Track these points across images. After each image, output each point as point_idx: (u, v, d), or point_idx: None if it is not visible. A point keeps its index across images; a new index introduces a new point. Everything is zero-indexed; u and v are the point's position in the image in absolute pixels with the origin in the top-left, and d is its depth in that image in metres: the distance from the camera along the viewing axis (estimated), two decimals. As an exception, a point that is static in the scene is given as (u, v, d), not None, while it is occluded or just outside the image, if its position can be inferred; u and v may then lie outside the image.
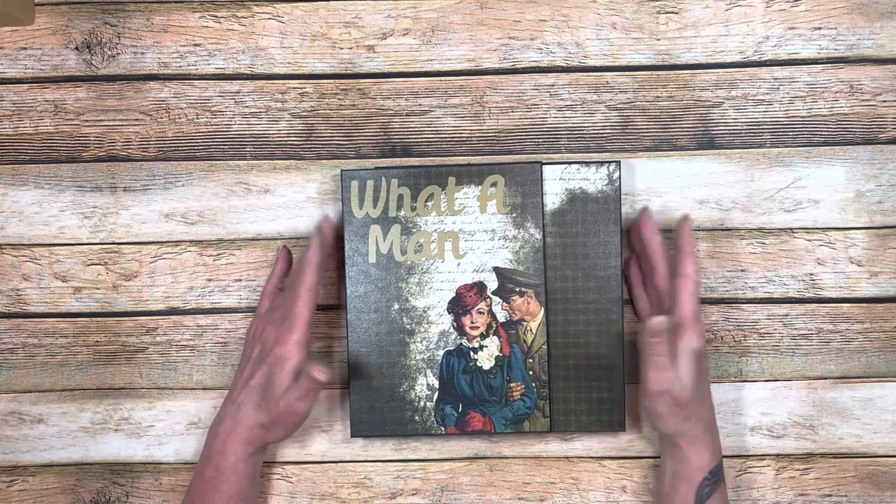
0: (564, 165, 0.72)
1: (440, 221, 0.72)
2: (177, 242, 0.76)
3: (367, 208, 0.72)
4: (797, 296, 0.75)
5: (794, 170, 0.75)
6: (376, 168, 0.73)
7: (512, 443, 0.76)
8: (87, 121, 0.77)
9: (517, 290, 0.72)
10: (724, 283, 0.75)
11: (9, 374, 0.77)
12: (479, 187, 0.72)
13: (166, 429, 0.76)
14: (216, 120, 0.76)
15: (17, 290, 0.77)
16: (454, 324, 0.72)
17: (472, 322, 0.72)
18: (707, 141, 0.75)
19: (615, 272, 0.72)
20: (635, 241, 0.73)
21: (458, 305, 0.73)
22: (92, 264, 0.77)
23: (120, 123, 0.77)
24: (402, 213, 0.72)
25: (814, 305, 0.75)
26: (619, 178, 0.72)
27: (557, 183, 0.72)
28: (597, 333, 0.72)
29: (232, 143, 0.76)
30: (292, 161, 0.76)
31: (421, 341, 0.73)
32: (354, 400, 0.73)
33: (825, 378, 0.75)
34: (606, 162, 0.72)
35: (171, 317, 0.76)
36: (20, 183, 0.77)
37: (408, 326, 0.73)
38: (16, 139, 0.77)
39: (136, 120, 0.76)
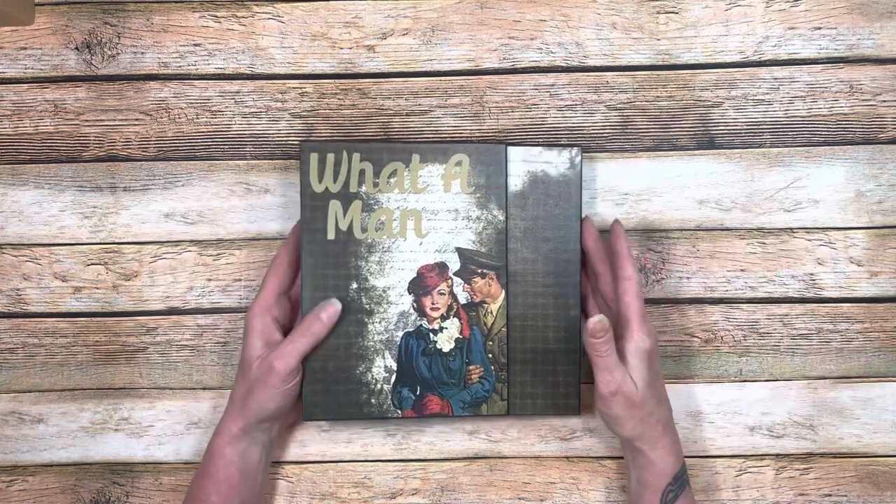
0: (527, 148, 0.71)
1: (403, 199, 0.71)
2: (177, 242, 0.76)
3: (326, 182, 0.70)
4: (797, 296, 0.75)
5: (794, 170, 0.75)
6: (337, 141, 0.71)
7: (512, 443, 0.76)
8: (87, 121, 0.77)
9: (479, 271, 0.71)
10: (724, 283, 0.75)
11: (9, 374, 0.77)
12: (444, 165, 0.71)
13: (166, 429, 0.76)
14: (216, 120, 0.76)
15: (17, 290, 0.77)
16: (414, 304, 0.71)
17: (433, 303, 0.71)
18: (707, 141, 0.75)
19: (574, 256, 0.71)
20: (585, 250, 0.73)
21: (419, 286, 0.71)
22: (92, 264, 0.77)
23: (120, 123, 0.77)
24: (364, 188, 0.70)
25: (814, 305, 0.75)
26: (581, 162, 0.71)
27: (520, 165, 0.71)
28: (555, 317, 0.72)
29: (232, 143, 0.76)
30: (292, 161, 0.76)
31: (380, 322, 0.71)
32: (308, 382, 0.70)
33: (825, 378, 0.75)
34: (568, 146, 0.72)
35: (171, 317, 0.76)
36: (20, 183, 0.77)
37: (366, 306, 0.71)
38: (16, 139, 0.77)
39: (136, 120, 0.76)
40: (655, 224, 0.76)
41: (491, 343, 0.71)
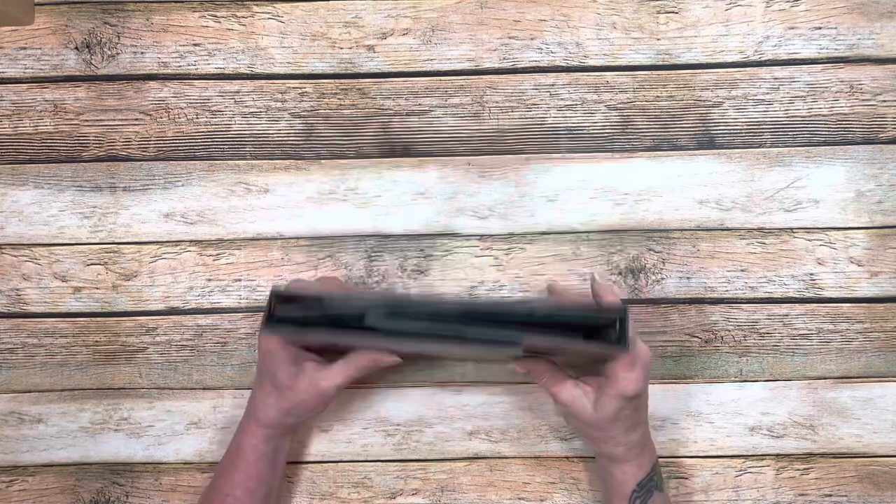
0: None
1: None
2: (177, 242, 0.76)
3: None
4: (797, 296, 0.75)
5: (794, 170, 0.75)
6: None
7: (512, 443, 0.76)
8: (86, 121, 0.77)
9: None
10: (724, 283, 0.75)
11: (9, 374, 0.77)
12: None
13: (166, 429, 0.76)
14: (216, 120, 0.76)
15: (17, 290, 0.77)
16: None
17: None
18: (707, 141, 0.75)
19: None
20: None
21: None
22: (92, 264, 0.77)
23: (120, 123, 0.77)
24: None
25: (814, 305, 0.75)
26: None
27: None
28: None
29: (232, 143, 0.76)
30: (292, 161, 0.76)
31: None
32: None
33: (825, 378, 0.75)
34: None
35: (171, 317, 0.76)
36: (20, 183, 0.77)
37: None
38: (15, 139, 0.77)
39: (136, 120, 0.76)
40: (655, 224, 0.76)
41: None
